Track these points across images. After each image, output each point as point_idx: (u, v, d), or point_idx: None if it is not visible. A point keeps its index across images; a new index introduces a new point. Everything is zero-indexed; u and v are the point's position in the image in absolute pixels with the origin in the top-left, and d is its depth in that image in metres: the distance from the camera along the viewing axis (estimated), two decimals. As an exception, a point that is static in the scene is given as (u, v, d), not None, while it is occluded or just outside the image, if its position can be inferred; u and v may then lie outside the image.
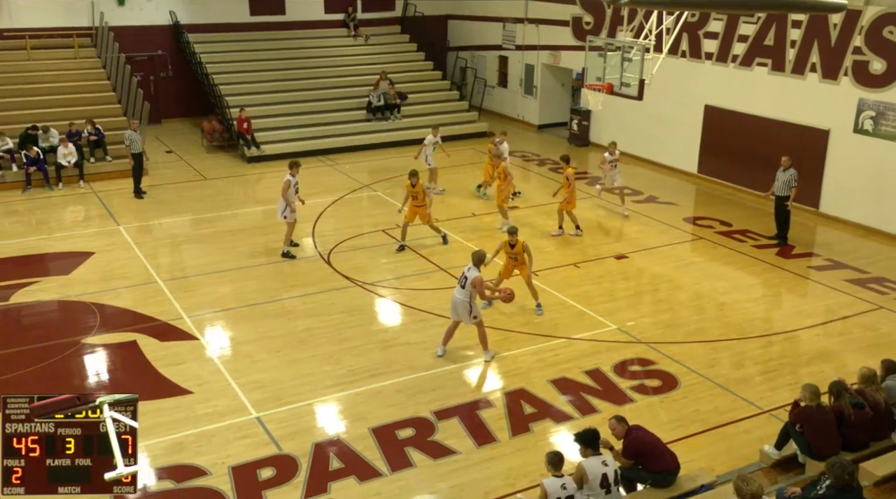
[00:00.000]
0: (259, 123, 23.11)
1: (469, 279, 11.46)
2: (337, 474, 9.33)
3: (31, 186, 19.84)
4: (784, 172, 16.13)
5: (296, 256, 15.64)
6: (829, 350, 12.40)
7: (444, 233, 16.26)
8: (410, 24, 28.78)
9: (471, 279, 11.43)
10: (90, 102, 22.51)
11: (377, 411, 10.53)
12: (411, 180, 15.59)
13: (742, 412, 10.62)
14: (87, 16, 24.72)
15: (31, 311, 13.65)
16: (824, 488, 7.44)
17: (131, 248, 16.21)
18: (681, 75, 20.63)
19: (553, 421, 10.43)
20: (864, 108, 17.18)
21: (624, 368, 11.72)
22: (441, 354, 11.96)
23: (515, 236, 13.14)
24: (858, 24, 17.05)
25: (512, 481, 9.18)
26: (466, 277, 11.53)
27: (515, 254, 13.17)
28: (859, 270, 15.32)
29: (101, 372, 11.82)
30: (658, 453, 8.43)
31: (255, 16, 26.88)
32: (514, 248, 13.05)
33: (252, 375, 11.46)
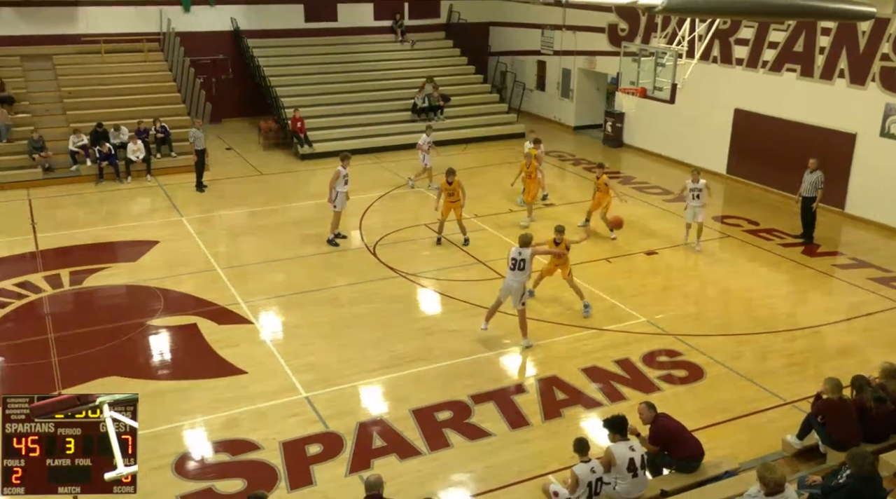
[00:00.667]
0: (311, 123, 23.29)
1: (527, 258, 11.47)
2: (379, 451, 9.39)
3: (103, 179, 20.23)
4: (811, 174, 15.80)
5: (339, 245, 15.73)
6: (852, 345, 12.13)
7: (467, 236, 16.00)
8: (454, 30, 28.72)
9: (528, 256, 11.45)
10: (157, 102, 22.88)
11: (418, 394, 10.57)
12: (448, 178, 15.58)
13: (766, 403, 10.45)
14: (156, 22, 25.12)
15: (101, 294, 13.94)
16: (845, 477, 7.31)
17: (193, 237, 16.46)
18: (712, 80, 20.29)
19: (583, 407, 10.37)
20: (891, 113, 16.73)
21: (652, 358, 11.60)
22: (485, 328, 12.00)
23: (562, 235, 13.00)
24: (887, 31, 16.60)
25: (543, 464, 9.15)
26: (523, 259, 11.48)
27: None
28: (883, 269, 14.95)
29: (165, 352, 12.04)
30: (683, 440, 8.34)
31: (309, 22, 27.06)
32: (558, 245, 12.95)
33: (302, 357, 11.57)
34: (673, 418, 8.47)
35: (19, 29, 23.58)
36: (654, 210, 18.29)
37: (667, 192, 19.55)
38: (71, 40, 24.01)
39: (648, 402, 8.55)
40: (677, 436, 8.34)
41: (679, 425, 8.44)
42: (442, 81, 25.72)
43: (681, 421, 8.56)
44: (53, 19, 23.89)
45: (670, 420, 8.42)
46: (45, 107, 22.11)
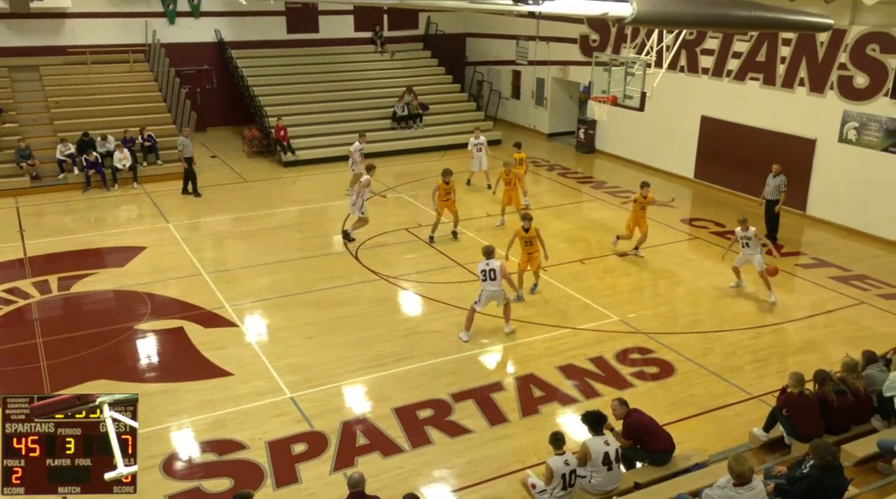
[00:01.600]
0: (294, 131, 23.18)
1: (497, 269, 11.71)
2: (363, 449, 9.37)
3: (91, 187, 20.01)
4: (774, 178, 15.98)
5: (353, 240, 16.07)
6: (815, 341, 12.28)
7: (455, 229, 16.44)
8: (432, 41, 28.75)
9: (499, 268, 11.72)
10: (143, 112, 22.67)
11: (400, 393, 10.55)
12: (445, 179, 15.80)
13: (733, 398, 10.55)
14: (141, 33, 24.89)
15: (89, 299, 13.79)
16: (808, 467, 7.39)
17: (179, 243, 16.32)
18: (679, 89, 20.46)
19: (560, 404, 10.41)
20: (849, 120, 16.98)
21: (625, 356, 11.67)
22: (465, 339, 11.98)
23: (529, 222, 13.13)
24: (844, 42, 16.85)
25: (522, 458, 9.18)
26: (494, 269, 11.70)
27: (530, 238, 13.14)
28: (843, 269, 15.15)
29: (152, 355, 11.92)
30: (654, 435, 8.40)
31: (291, 33, 26.94)
32: (527, 232, 13.04)
33: (287, 359, 11.52)
34: (645, 414, 8.53)
35: (7, 40, 23.26)
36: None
37: (637, 196, 19.66)
38: (58, 51, 23.72)
39: (621, 398, 8.61)
40: (649, 430, 8.40)
41: (651, 420, 8.49)
42: (420, 90, 25.73)
43: (653, 416, 8.62)
44: (41, 31, 23.59)
45: (642, 415, 8.48)
46: (33, 117, 21.83)
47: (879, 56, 16.23)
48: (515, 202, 17.27)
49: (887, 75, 16.12)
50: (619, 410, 8.42)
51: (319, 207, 18.95)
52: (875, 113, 16.42)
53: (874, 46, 16.31)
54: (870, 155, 16.59)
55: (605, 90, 15.89)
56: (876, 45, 16.27)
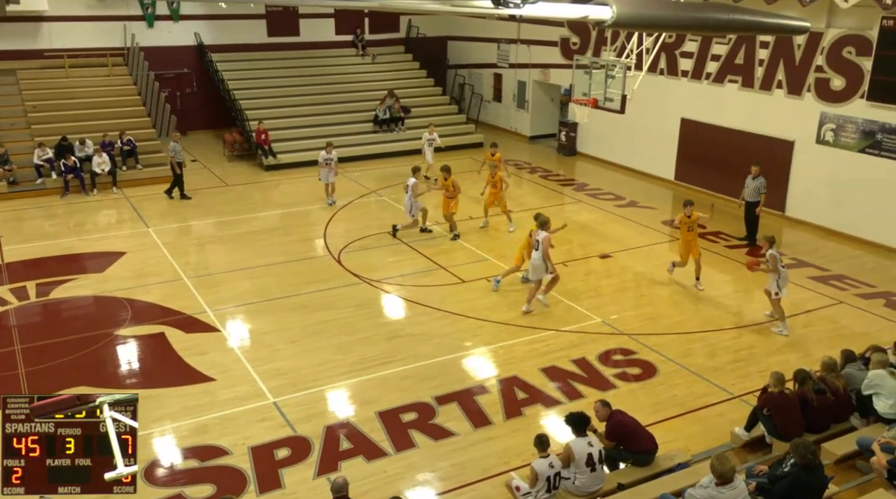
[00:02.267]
0: (276, 135, 23.09)
1: (540, 241, 12.79)
2: (347, 453, 9.34)
3: (69, 191, 19.81)
4: (754, 180, 16.12)
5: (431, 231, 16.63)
6: (795, 341, 12.39)
7: (457, 232, 16.63)
8: (413, 44, 28.75)
9: (542, 240, 12.79)
10: (122, 116, 22.47)
11: (384, 397, 10.53)
12: (444, 175, 16.24)
13: (715, 397, 10.63)
14: (120, 37, 24.69)
15: (69, 305, 13.65)
16: (789, 465, 7.46)
17: (160, 248, 16.20)
18: (659, 91, 20.61)
19: (543, 406, 10.43)
20: (826, 121, 17.18)
21: (608, 357, 11.72)
22: (527, 310, 12.92)
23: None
24: (820, 44, 17.05)
25: (506, 460, 9.19)
26: (538, 240, 12.84)
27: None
28: (821, 269, 15.32)
29: (133, 361, 11.81)
30: (637, 435, 8.43)
31: (272, 37, 26.84)
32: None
33: (270, 363, 11.46)
34: (628, 415, 8.57)
35: (-18, 44, 23.02)
36: (606, 215, 18.50)
37: (619, 197, 19.80)
38: (35, 55, 23.46)
39: (603, 400, 8.64)
40: (632, 431, 8.44)
41: (633, 421, 8.53)
42: (402, 94, 25.72)
43: (636, 416, 8.66)
44: (17, 34, 23.32)
45: (625, 416, 8.52)
46: (10, 121, 21.59)
47: (855, 59, 16.44)
48: (500, 204, 17.31)
49: (863, 77, 16.33)
50: (602, 411, 8.45)
51: (301, 211, 18.88)
52: (852, 115, 16.63)
53: (850, 49, 16.52)
54: (847, 156, 16.79)
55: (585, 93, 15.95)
56: (852, 47, 16.48)
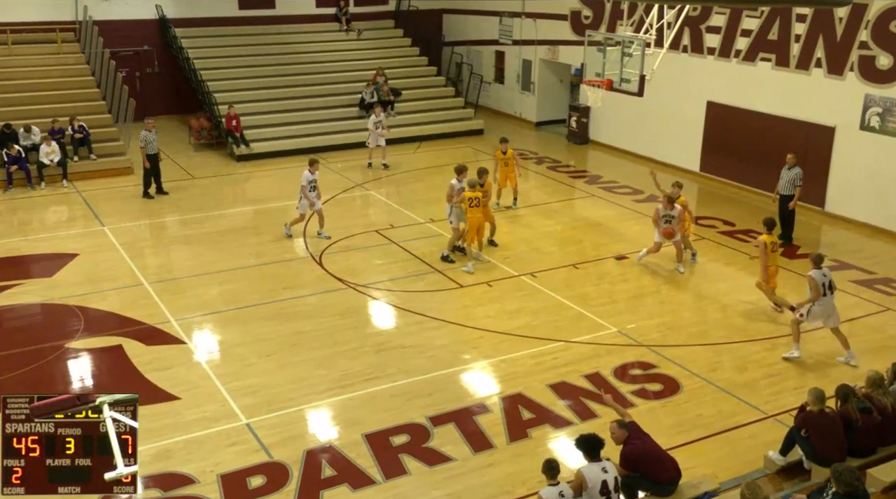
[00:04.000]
0: (248, 121, 23.09)
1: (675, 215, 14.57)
2: (329, 481, 9.32)
3: (13, 185, 19.78)
4: (789, 171, 16.17)
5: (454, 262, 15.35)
6: (836, 353, 12.40)
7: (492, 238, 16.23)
8: (404, 18, 28.79)
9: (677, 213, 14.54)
10: (74, 99, 22.47)
11: (371, 417, 10.53)
12: (481, 179, 15.46)
13: (746, 417, 10.64)
14: (70, 10, 24.68)
15: (13, 314, 13.61)
16: (830, 494, 7.45)
17: (117, 249, 16.18)
18: (682, 71, 20.67)
19: (552, 426, 10.44)
20: (871, 105, 17.23)
21: (624, 371, 11.74)
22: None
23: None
24: (864, 17, 17.10)
25: (509, 489, 9.18)
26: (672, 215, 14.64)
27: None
28: (865, 271, 15.36)
29: (86, 377, 11.79)
30: (658, 462, 8.41)
31: (244, 10, 26.87)
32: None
33: (242, 379, 11.45)
34: (648, 438, 8.56)
35: (-87, 18, 22.98)
36: (623, 211, 18.53)
37: (637, 191, 19.84)
38: (-27, 30, 23.47)
39: (620, 420, 8.63)
40: (652, 458, 8.41)
41: (654, 446, 8.52)
42: (392, 74, 25.76)
43: (657, 439, 8.66)
44: (-48, 7, 23.32)
45: (644, 442, 8.49)
46: (-55, 105, 21.58)
47: (904, 34, 16.50)
48: (511, 182, 17.92)
49: (913, 55, 16.39)
50: (618, 433, 8.44)
51: (277, 207, 18.86)
52: (900, 97, 16.68)
53: (898, 23, 16.58)
54: (895, 144, 16.83)
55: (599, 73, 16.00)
56: (900, 21, 16.54)
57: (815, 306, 11.80)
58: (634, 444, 8.41)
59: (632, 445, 8.40)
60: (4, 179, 19.76)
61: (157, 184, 19.50)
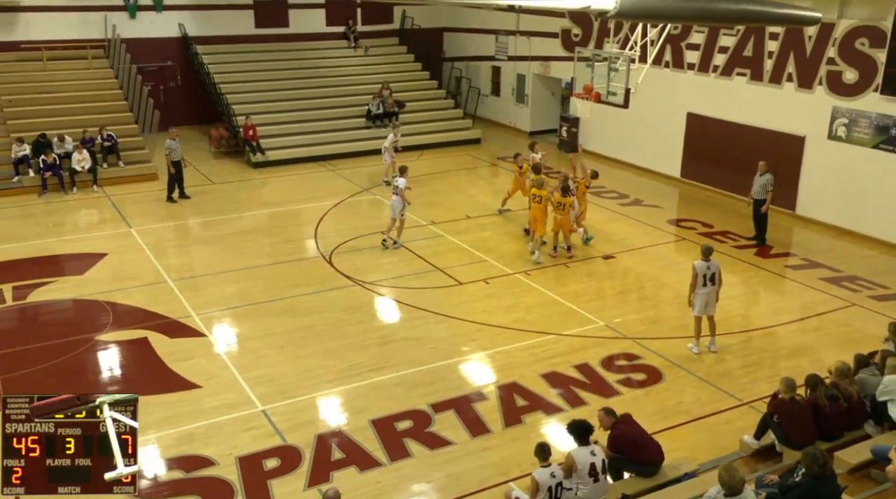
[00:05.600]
0: (264, 130, 23.08)
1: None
2: (339, 463, 9.33)
3: (48, 190, 19.77)
4: (761, 177, 16.16)
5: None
6: (806, 345, 12.43)
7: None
8: (408, 36, 28.76)
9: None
10: (103, 111, 22.43)
11: (377, 404, 10.53)
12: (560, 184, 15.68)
13: (723, 404, 10.64)
14: (100, 28, 24.65)
15: (47, 309, 13.61)
16: (800, 475, 7.46)
17: (142, 249, 16.17)
18: (664, 85, 20.65)
19: (544, 413, 10.44)
20: (838, 116, 17.22)
21: (611, 362, 11.73)
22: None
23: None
24: (832, 36, 17.09)
25: (505, 471, 9.19)
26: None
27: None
28: (833, 269, 15.35)
29: (114, 368, 11.79)
30: (642, 446, 8.42)
31: (259, 28, 26.84)
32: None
33: (258, 370, 11.45)
34: (634, 424, 8.56)
35: (-44, 36, 22.97)
36: (610, 214, 18.52)
37: (622, 196, 19.83)
38: (11, 47, 23.38)
39: (607, 408, 8.64)
40: (637, 443, 8.41)
41: (640, 431, 8.52)
42: (396, 88, 25.72)
43: (641, 424, 8.66)
44: (-8, 26, 23.32)
45: (630, 427, 8.50)
46: (-15, 116, 21.57)
47: (868, 51, 16.49)
48: (523, 191, 17.41)
49: (877, 70, 16.37)
50: (606, 420, 8.45)
51: (290, 210, 18.87)
52: (865, 109, 16.66)
53: (863, 40, 16.56)
54: (860, 152, 16.83)
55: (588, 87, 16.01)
56: (865, 38, 16.52)
57: (696, 298, 11.74)
58: (620, 429, 8.43)
59: (618, 430, 8.42)
60: (40, 184, 19.75)
61: (181, 189, 19.49)
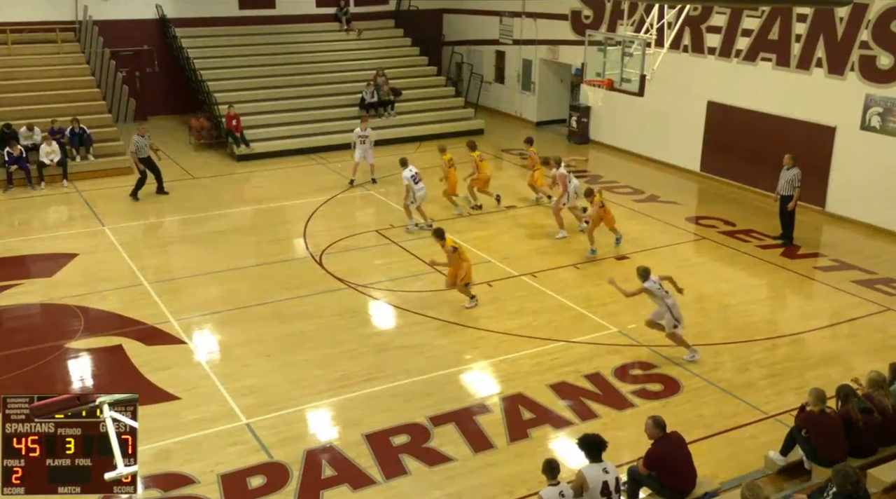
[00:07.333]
0: (248, 120, 23.08)
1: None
2: (329, 481, 9.32)
3: (13, 185, 19.77)
4: (787, 171, 16.15)
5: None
6: (836, 353, 12.42)
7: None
8: (404, 18, 28.78)
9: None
10: (74, 99, 22.45)
11: (371, 417, 10.52)
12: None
13: (747, 417, 10.64)
14: (70, 10, 24.67)
15: (12, 314, 13.60)
16: (831, 495, 7.45)
17: (117, 249, 16.17)
18: (683, 71, 20.65)
19: (552, 427, 10.43)
20: (872, 105, 17.21)
21: (625, 372, 11.73)
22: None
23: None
24: (865, 17, 17.09)
25: (510, 489, 9.18)
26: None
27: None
28: (866, 271, 15.34)
29: (86, 377, 11.79)
30: (676, 471, 8.32)
31: (244, 9, 26.85)
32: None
33: (242, 380, 11.45)
34: (680, 446, 8.42)
35: (-87, 18, 22.95)
36: (624, 211, 18.48)
37: (637, 191, 19.83)
38: (-27, 30, 23.46)
39: (656, 418, 8.48)
40: (671, 466, 8.31)
41: (680, 456, 8.35)
42: (392, 74, 25.74)
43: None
44: (-49, 7, 23.31)
45: (674, 449, 8.35)
46: (-55, 105, 21.57)
47: (905, 34, 16.49)
48: (539, 184, 18.46)
49: (914, 55, 16.38)
50: (652, 431, 8.36)
51: (277, 207, 18.88)
52: (901, 97, 16.67)
53: (899, 23, 16.57)
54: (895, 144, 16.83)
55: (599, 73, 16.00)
56: (901, 21, 16.53)
57: (658, 309, 11.90)
58: (661, 448, 8.35)
59: (658, 445, 8.37)
60: (5, 178, 19.75)
61: (159, 184, 19.48)
